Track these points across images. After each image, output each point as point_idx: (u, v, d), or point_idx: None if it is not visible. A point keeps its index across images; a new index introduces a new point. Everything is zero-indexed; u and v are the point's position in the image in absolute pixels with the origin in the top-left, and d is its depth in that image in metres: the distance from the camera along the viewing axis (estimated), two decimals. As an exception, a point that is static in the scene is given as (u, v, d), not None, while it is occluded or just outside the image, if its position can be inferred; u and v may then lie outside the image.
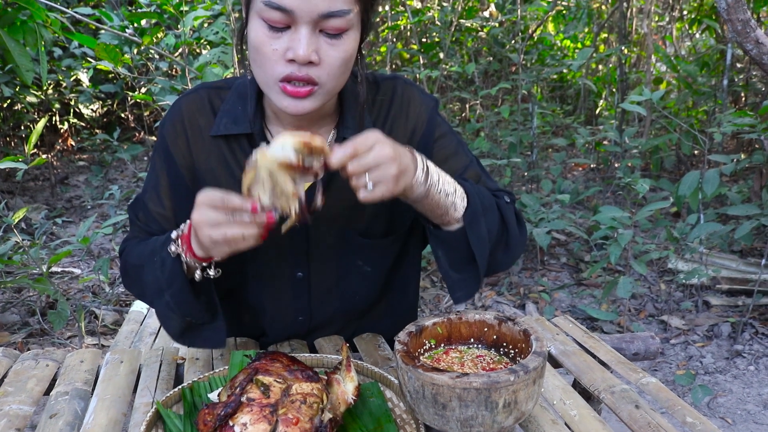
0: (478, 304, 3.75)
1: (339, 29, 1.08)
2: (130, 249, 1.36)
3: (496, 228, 1.25)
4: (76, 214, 5.35)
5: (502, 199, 1.31)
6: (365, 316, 1.50)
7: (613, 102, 6.30)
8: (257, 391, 1.02)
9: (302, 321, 1.44)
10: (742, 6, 2.81)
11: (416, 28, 5.31)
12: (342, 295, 1.43)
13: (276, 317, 1.43)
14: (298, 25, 1.06)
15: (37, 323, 3.46)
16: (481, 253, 1.21)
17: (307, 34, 1.06)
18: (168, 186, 1.34)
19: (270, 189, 1.02)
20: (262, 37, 1.08)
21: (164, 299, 1.21)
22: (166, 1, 3.03)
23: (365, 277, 1.42)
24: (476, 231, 1.20)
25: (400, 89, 1.35)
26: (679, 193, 3.44)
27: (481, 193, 1.24)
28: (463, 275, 1.25)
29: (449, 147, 1.36)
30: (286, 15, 1.05)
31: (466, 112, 6.18)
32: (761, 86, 5.44)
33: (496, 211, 1.26)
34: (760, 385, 3.00)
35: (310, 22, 1.06)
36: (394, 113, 1.33)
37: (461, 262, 1.24)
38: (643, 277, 3.99)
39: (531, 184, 4.87)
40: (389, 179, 1.03)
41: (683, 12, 6.78)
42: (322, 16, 1.05)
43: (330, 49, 1.09)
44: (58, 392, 1.25)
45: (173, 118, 1.32)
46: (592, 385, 1.26)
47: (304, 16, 1.05)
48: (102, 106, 7.12)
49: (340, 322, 1.48)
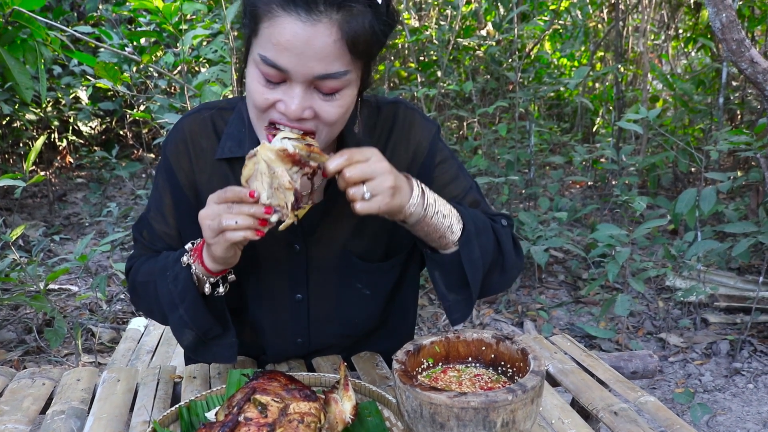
0: (476, 322, 3.74)
1: (335, 89, 1.07)
2: (137, 267, 1.36)
3: (491, 250, 1.26)
4: (74, 231, 5.35)
5: (498, 222, 1.33)
6: (364, 339, 1.50)
7: (610, 120, 6.33)
8: (255, 410, 1.01)
9: (301, 343, 1.43)
10: (737, 26, 2.84)
11: (414, 47, 5.34)
12: (341, 319, 1.42)
13: (275, 339, 1.43)
14: (293, 82, 1.05)
15: (33, 341, 3.44)
16: (474, 276, 1.22)
17: (301, 93, 1.05)
18: (172, 205, 1.35)
19: (268, 184, 1.04)
20: (256, 86, 1.08)
21: (178, 313, 1.23)
22: (165, 20, 3.05)
23: (365, 300, 1.41)
24: (470, 254, 1.21)
25: (402, 114, 1.35)
26: (676, 210, 3.45)
27: (475, 216, 1.25)
28: (459, 297, 1.26)
29: (450, 172, 1.37)
30: (281, 72, 1.04)
31: (463, 130, 6.21)
32: (757, 104, 5.47)
33: (491, 234, 1.27)
34: (759, 403, 2.99)
35: (305, 82, 1.04)
36: (395, 138, 1.33)
37: (457, 284, 1.25)
38: (641, 295, 3.99)
39: (528, 201, 4.88)
40: (386, 191, 1.05)
41: (679, 31, 6.84)
42: (317, 78, 1.04)
43: (325, 105, 1.08)
44: (54, 411, 1.25)
45: (176, 138, 1.33)
46: (590, 404, 1.26)
47: (299, 77, 1.03)
48: (101, 124, 7.14)
49: (339, 346, 1.47)
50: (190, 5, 3.16)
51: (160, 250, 1.35)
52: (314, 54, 1.01)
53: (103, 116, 6.92)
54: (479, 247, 1.23)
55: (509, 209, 4.51)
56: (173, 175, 1.33)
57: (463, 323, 3.74)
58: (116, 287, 4.12)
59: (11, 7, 2.59)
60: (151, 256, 1.36)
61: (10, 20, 2.66)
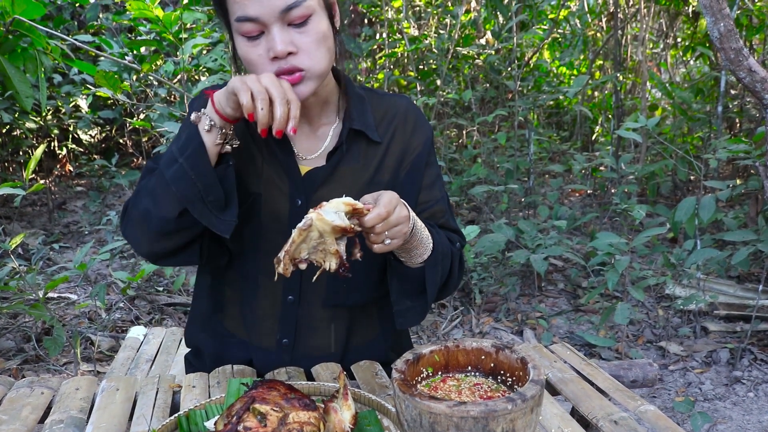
0: (475, 330, 3.74)
1: (303, 17, 1.19)
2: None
3: (447, 271, 1.39)
4: (74, 239, 5.34)
5: (455, 245, 1.44)
6: (356, 321, 1.51)
7: (609, 128, 6.34)
8: (254, 419, 1.01)
9: (291, 302, 1.44)
10: (735, 35, 2.85)
11: (413, 56, 5.36)
12: (331, 284, 1.44)
13: (267, 292, 1.44)
14: (269, 27, 1.19)
15: (32, 350, 3.44)
16: (432, 291, 1.34)
17: (278, 32, 1.18)
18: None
19: (314, 246, 1.12)
20: (245, 49, 1.22)
21: (174, 167, 1.21)
22: (165, 29, 3.06)
23: (358, 265, 1.42)
24: (432, 274, 1.32)
25: (407, 107, 1.47)
26: (675, 219, 3.45)
27: (442, 241, 1.36)
28: (414, 304, 1.38)
29: (432, 176, 1.48)
30: (256, 23, 1.18)
31: (463, 139, 6.22)
32: (755, 113, 5.48)
33: (449, 259, 1.39)
34: (760, 412, 2.98)
35: (277, 21, 1.18)
36: (397, 123, 1.44)
37: (412, 292, 1.37)
38: (641, 303, 3.98)
39: (528, 210, 4.88)
40: (402, 236, 1.19)
41: (677, 39, 6.86)
42: (283, 11, 1.17)
43: (302, 36, 1.20)
44: (53, 420, 1.24)
45: (200, 102, 1.37)
46: (590, 413, 1.26)
47: (269, 17, 1.17)
48: (100, 132, 7.15)
49: (328, 318, 1.47)
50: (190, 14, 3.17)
51: None
52: None
53: (103, 125, 6.93)
54: (441, 268, 1.35)
55: (509, 217, 4.51)
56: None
57: (463, 332, 3.74)
58: (115, 296, 4.11)
59: (12, 16, 2.60)
60: None
61: (10, 29, 2.67)
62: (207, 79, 3.39)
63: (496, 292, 4.09)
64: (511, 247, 3.97)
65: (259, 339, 1.47)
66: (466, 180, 4.41)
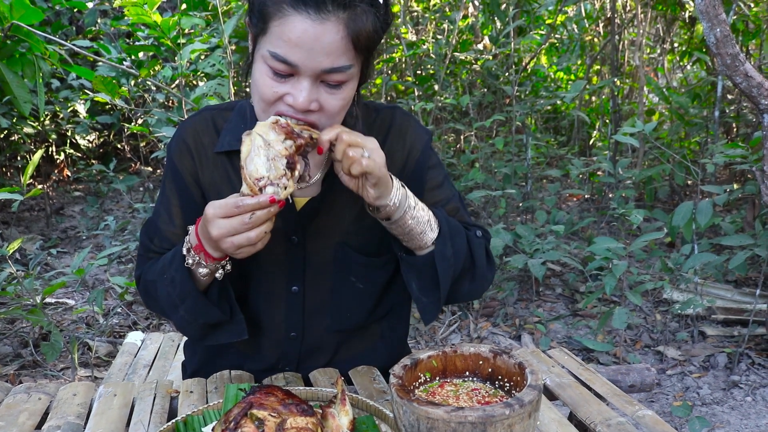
0: (473, 335, 3.74)
1: (339, 82, 1.14)
2: (146, 270, 1.40)
3: (463, 254, 1.32)
4: (71, 244, 5.34)
5: (473, 232, 1.38)
6: (357, 338, 1.51)
7: (606, 133, 6.35)
8: (252, 425, 1.01)
9: (294, 337, 1.45)
10: (731, 40, 2.86)
11: (411, 61, 5.37)
12: (334, 312, 1.45)
13: (269, 332, 1.46)
14: (301, 76, 1.12)
15: (30, 355, 3.43)
16: (444, 275, 1.27)
17: (309, 86, 1.12)
18: (178, 205, 1.39)
19: (265, 157, 1.09)
20: (265, 80, 1.14)
21: (179, 314, 1.30)
22: (163, 34, 3.06)
23: (358, 294, 1.45)
24: (443, 251, 1.27)
25: (399, 118, 1.43)
26: (673, 223, 3.46)
27: (449, 220, 1.32)
28: (430, 299, 1.33)
29: (438, 178, 1.44)
30: (290, 67, 1.10)
31: (460, 144, 6.22)
32: (752, 117, 5.49)
33: (464, 239, 1.33)
34: (757, 416, 2.98)
35: (312, 76, 1.12)
36: (392, 138, 1.41)
37: (429, 287, 1.31)
38: (639, 308, 3.99)
39: (526, 215, 4.89)
40: (381, 154, 1.16)
41: (674, 45, 6.88)
42: (325, 71, 1.11)
43: (330, 97, 1.15)
44: (50, 426, 1.24)
45: (179, 138, 1.39)
46: (588, 418, 1.26)
47: (308, 71, 1.10)
48: (98, 137, 7.15)
49: (332, 343, 1.49)
50: (188, 20, 3.18)
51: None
52: (322, 50, 1.08)
53: (101, 130, 6.92)
54: (452, 247, 1.29)
55: (506, 222, 4.52)
56: (178, 176, 1.38)
57: (461, 337, 3.74)
58: (113, 301, 4.11)
59: (10, 21, 2.61)
60: (157, 259, 1.39)
61: (9, 34, 2.67)
62: (205, 84, 3.39)
63: (494, 296, 4.09)
64: (509, 252, 3.98)
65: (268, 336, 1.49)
66: (463, 185, 4.41)
